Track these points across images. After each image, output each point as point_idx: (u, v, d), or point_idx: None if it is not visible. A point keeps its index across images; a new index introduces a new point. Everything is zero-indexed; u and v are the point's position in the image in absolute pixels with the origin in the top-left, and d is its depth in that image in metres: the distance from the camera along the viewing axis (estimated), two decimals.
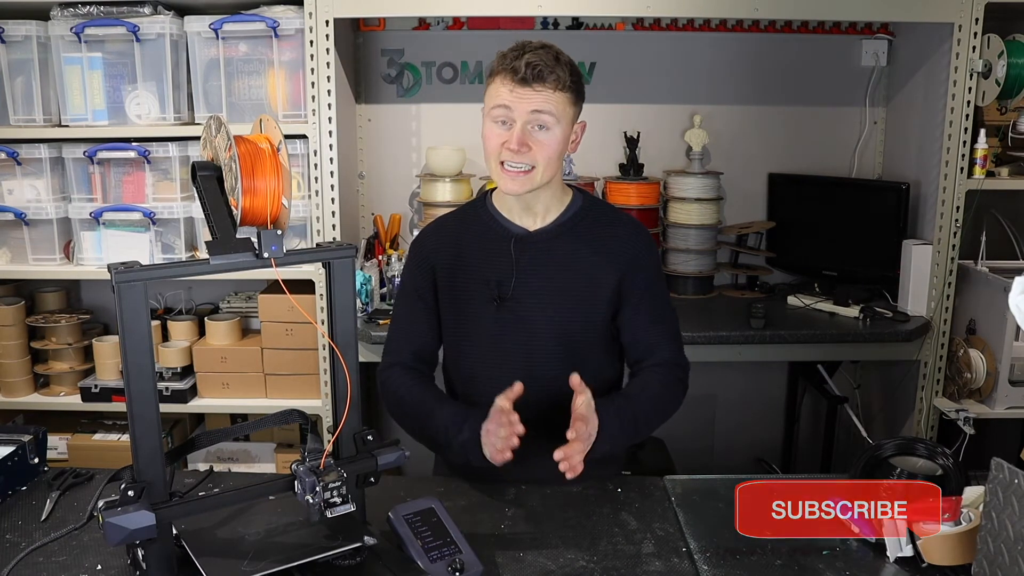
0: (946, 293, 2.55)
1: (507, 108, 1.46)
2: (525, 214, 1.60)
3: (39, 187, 2.56)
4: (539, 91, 1.45)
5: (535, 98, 1.45)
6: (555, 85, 1.46)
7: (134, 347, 1.09)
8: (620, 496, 1.51)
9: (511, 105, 1.46)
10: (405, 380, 1.61)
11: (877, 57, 2.90)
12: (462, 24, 2.89)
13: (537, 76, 1.44)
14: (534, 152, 1.47)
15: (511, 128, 1.47)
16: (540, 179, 1.50)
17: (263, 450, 2.84)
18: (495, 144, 1.49)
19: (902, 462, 1.43)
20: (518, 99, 1.45)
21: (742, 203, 3.02)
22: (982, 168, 2.48)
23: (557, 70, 1.46)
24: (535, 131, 1.47)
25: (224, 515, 1.28)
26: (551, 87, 1.45)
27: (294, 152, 2.50)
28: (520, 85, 1.45)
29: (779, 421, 3.19)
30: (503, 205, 1.62)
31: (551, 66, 1.45)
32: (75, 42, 2.44)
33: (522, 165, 1.48)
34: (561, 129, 1.49)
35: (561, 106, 1.47)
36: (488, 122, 1.50)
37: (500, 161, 1.49)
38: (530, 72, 1.44)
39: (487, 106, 1.50)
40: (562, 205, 1.61)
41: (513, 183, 1.49)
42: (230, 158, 1.14)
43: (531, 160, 1.48)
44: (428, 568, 1.20)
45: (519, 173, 1.49)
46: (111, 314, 2.76)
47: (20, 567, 1.25)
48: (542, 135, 1.47)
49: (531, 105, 1.45)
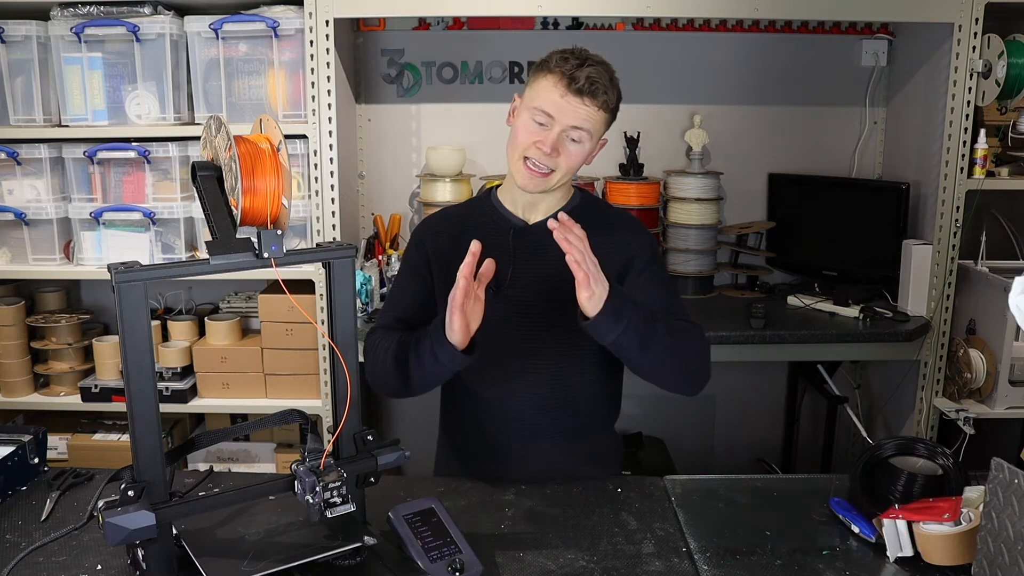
0: (946, 293, 2.55)
1: (549, 115, 1.48)
2: (528, 209, 1.62)
3: (39, 187, 2.56)
4: (587, 106, 1.48)
5: (580, 111, 1.48)
6: (603, 105, 1.49)
7: (134, 347, 1.09)
8: (620, 496, 1.51)
9: (555, 114, 1.48)
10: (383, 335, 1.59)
11: (877, 57, 2.90)
12: (462, 24, 2.89)
13: (591, 92, 1.47)
14: (560, 159, 1.50)
15: (547, 130, 1.49)
16: (555, 183, 1.54)
17: (263, 450, 2.84)
18: (526, 139, 1.51)
19: (902, 462, 1.43)
20: (564, 107, 1.47)
21: (742, 203, 3.02)
22: (982, 168, 2.48)
23: (609, 91, 1.50)
24: (568, 141, 1.50)
25: (224, 515, 1.29)
26: (598, 105, 1.49)
27: (294, 152, 2.50)
28: (573, 95, 1.47)
29: (779, 421, 3.19)
30: (507, 199, 1.64)
31: (606, 87, 1.49)
32: (75, 42, 2.44)
33: (545, 167, 1.50)
34: (591, 144, 1.53)
35: (598, 125, 1.51)
36: (525, 115, 1.51)
37: (525, 156, 1.51)
38: (588, 86, 1.46)
39: (530, 101, 1.51)
40: (563, 201, 1.64)
41: (531, 181, 1.52)
42: (230, 158, 1.14)
43: (555, 164, 1.51)
44: (428, 568, 1.20)
45: (539, 174, 1.51)
46: (111, 314, 2.77)
47: (20, 567, 1.26)
48: (573, 147, 1.51)
49: (575, 119, 1.48)
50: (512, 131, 1.54)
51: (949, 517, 1.23)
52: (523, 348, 1.60)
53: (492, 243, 1.58)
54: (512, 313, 1.59)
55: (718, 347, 2.49)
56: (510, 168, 1.56)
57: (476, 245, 1.37)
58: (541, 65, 1.52)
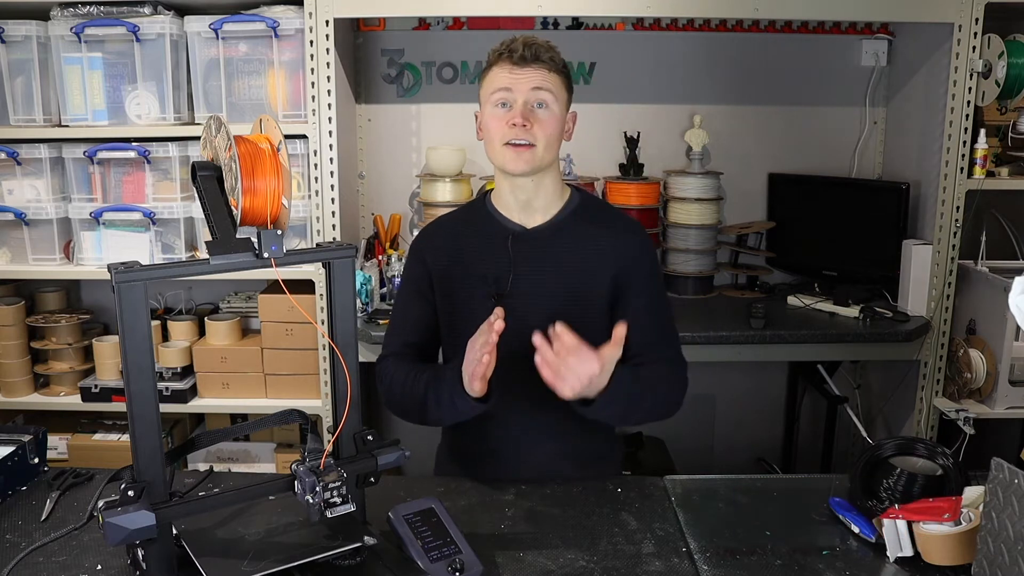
0: (946, 293, 2.55)
1: (507, 90, 1.53)
2: (524, 212, 1.61)
3: (39, 187, 2.56)
4: (537, 69, 1.53)
5: (534, 76, 1.52)
6: (551, 65, 1.54)
7: (134, 347, 1.09)
8: (620, 496, 1.51)
9: (511, 86, 1.52)
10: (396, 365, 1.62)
11: (877, 57, 2.90)
12: (462, 24, 2.89)
13: (535, 56, 1.52)
14: (535, 129, 1.52)
15: (512, 109, 1.52)
16: (541, 159, 1.54)
17: (263, 450, 2.84)
18: (499, 126, 1.53)
19: (902, 462, 1.43)
20: (518, 78, 1.52)
21: (742, 203, 3.02)
22: (982, 168, 2.48)
23: (551, 52, 1.55)
24: (536, 109, 1.53)
25: (224, 515, 1.28)
26: (547, 67, 1.53)
27: (294, 152, 2.50)
28: (519, 65, 1.52)
29: (779, 421, 3.19)
30: (501, 203, 1.64)
31: (546, 48, 1.55)
32: (75, 42, 2.44)
33: (525, 140, 1.52)
34: (559, 109, 1.55)
35: (557, 86, 1.55)
36: (489, 108, 1.55)
37: (505, 142, 1.53)
38: (528, 52, 1.52)
39: (486, 93, 1.56)
40: (560, 202, 1.63)
41: (519, 159, 1.53)
42: (230, 158, 1.14)
43: (533, 137, 1.52)
44: (428, 568, 1.20)
45: (523, 148, 1.52)
46: (111, 314, 2.77)
47: (20, 567, 1.26)
48: (542, 112, 1.53)
49: (531, 83, 1.52)
50: (484, 132, 1.57)
51: (949, 517, 1.23)
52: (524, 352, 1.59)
53: (491, 250, 1.61)
54: (513, 318, 1.57)
55: (718, 347, 2.51)
56: (496, 165, 1.58)
57: (499, 323, 1.37)
58: (484, 66, 1.59)
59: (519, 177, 1.56)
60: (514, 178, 1.57)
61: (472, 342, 1.41)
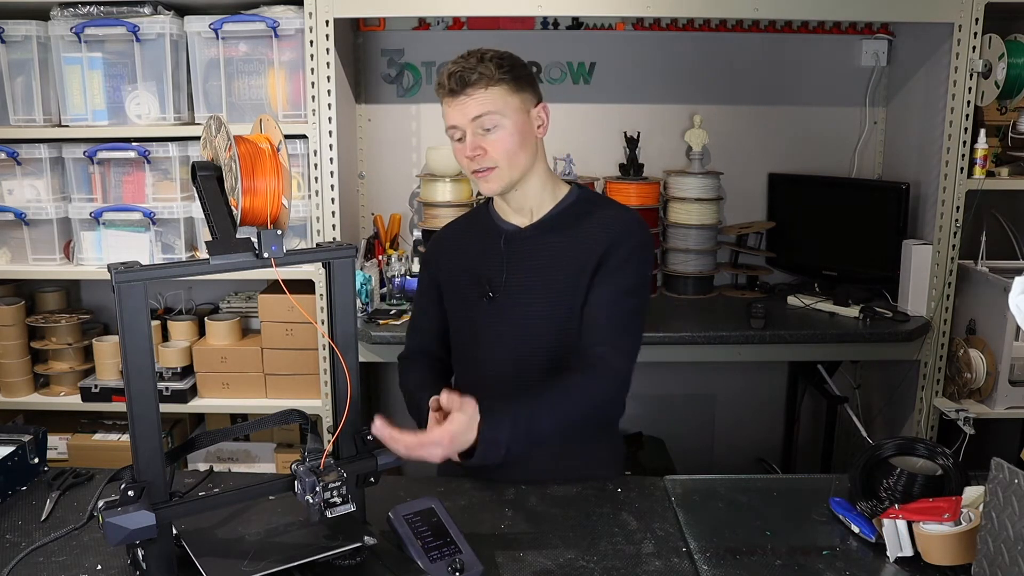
0: (946, 293, 2.55)
1: (454, 127, 1.53)
2: (517, 213, 1.65)
3: (39, 187, 2.56)
4: (471, 95, 1.50)
5: (469, 104, 1.50)
6: (485, 83, 1.49)
7: (134, 347, 1.09)
8: (620, 496, 1.51)
9: (455, 122, 1.53)
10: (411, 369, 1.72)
11: (877, 57, 2.90)
12: (462, 24, 2.89)
13: (461, 83, 1.49)
14: (489, 154, 1.52)
15: (463, 140, 1.53)
16: (509, 174, 1.55)
17: (263, 450, 2.84)
18: (461, 159, 1.57)
19: (902, 462, 1.43)
20: (456, 111, 1.52)
21: (742, 203, 3.02)
22: (982, 168, 2.48)
23: (479, 68, 1.49)
24: (484, 135, 1.52)
25: (224, 515, 1.29)
26: (481, 87, 1.49)
27: (294, 152, 2.50)
28: (452, 97, 1.51)
29: (779, 421, 3.19)
30: (499, 206, 1.68)
31: (472, 67, 1.49)
32: (75, 42, 2.44)
33: (484, 166, 1.54)
34: (510, 122, 1.52)
35: (499, 101, 1.50)
36: (452, 144, 1.57)
37: (471, 171, 1.56)
38: (454, 82, 1.49)
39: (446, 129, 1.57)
40: (554, 200, 1.63)
41: (487, 184, 1.56)
42: (230, 158, 1.14)
43: (491, 161, 1.53)
44: (428, 568, 1.20)
45: (486, 173, 1.54)
46: (111, 314, 2.77)
47: (20, 567, 1.26)
48: (492, 136, 1.52)
49: (467, 114, 1.51)
50: None
51: (949, 517, 1.23)
52: (512, 351, 1.61)
53: (487, 251, 1.65)
54: (505, 316, 1.60)
55: (718, 347, 2.51)
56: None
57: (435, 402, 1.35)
58: None
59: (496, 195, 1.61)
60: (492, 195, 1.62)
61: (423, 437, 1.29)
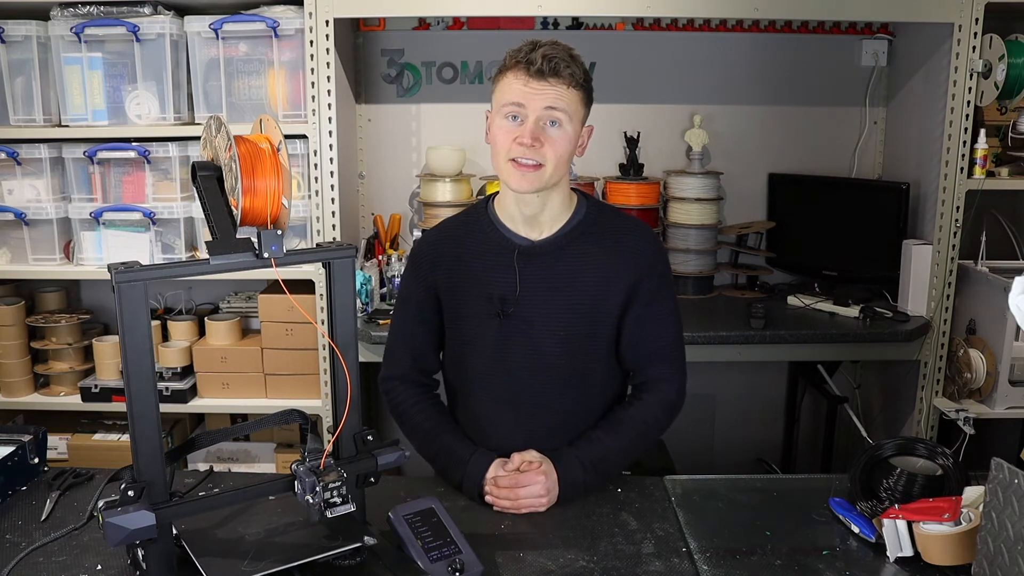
0: (946, 293, 2.55)
1: (519, 104, 1.44)
2: (529, 225, 1.55)
3: (39, 187, 2.56)
4: (554, 86, 1.43)
5: (549, 93, 1.43)
6: (569, 81, 1.44)
7: (134, 347, 1.09)
8: (620, 496, 1.51)
9: (524, 101, 1.43)
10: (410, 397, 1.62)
11: (877, 57, 2.90)
12: (462, 24, 2.89)
13: (553, 70, 1.42)
14: (545, 149, 1.44)
15: (522, 123, 1.44)
16: (549, 178, 1.47)
17: (263, 450, 2.84)
18: (506, 140, 1.46)
19: (902, 462, 1.43)
20: (532, 93, 1.43)
21: (742, 203, 3.02)
22: (982, 168, 2.48)
23: (573, 66, 1.44)
24: (547, 127, 1.45)
25: (224, 515, 1.29)
26: (565, 83, 1.43)
27: (294, 152, 2.50)
28: (535, 78, 1.42)
29: (779, 421, 3.19)
30: (505, 214, 1.57)
31: (567, 61, 1.43)
32: (75, 42, 2.44)
33: (532, 160, 1.45)
34: (572, 128, 1.47)
35: (574, 104, 1.46)
36: (498, 119, 1.47)
37: (510, 158, 1.46)
38: (546, 65, 1.42)
39: (497, 103, 1.48)
40: (568, 213, 1.56)
41: (523, 179, 1.46)
42: (230, 158, 1.14)
43: (541, 157, 1.45)
44: (428, 568, 1.20)
45: (529, 168, 1.45)
46: (111, 314, 2.76)
47: (20, 567, 1.26)
48: (554, 131, 1.45)
49: (545, 101, 1.43)
50: (492, 140, 1.50)
51: (949, 517, 1.23)
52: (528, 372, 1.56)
53: (496, 265, 1.54)
54: (520, 335, 1.54)
55: (718, 347, 2.51)
56: (501, 177, 1.51)
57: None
58: (499, 68, 1.49)
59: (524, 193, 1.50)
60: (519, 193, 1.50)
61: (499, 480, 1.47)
